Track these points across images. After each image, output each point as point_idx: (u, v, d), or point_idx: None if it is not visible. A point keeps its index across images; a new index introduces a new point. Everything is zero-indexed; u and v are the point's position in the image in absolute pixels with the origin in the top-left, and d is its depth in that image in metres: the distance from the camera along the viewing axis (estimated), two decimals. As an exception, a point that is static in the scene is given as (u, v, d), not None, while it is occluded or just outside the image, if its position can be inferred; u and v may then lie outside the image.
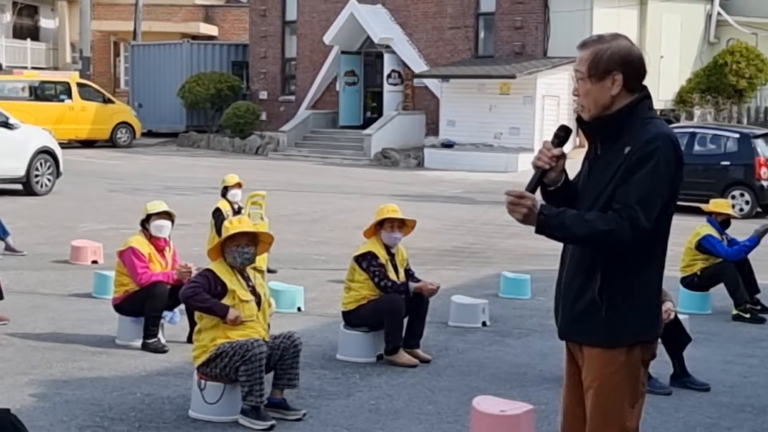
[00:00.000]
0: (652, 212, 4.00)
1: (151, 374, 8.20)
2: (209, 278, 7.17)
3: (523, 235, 18.33)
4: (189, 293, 7.17)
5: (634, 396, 4.17)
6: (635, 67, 4.12)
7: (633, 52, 4.14)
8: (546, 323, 10.63)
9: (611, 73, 4.09)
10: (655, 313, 4.19)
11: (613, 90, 4.10)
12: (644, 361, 4.20)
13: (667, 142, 4.06)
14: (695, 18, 32.71)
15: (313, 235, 17.22)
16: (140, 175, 26.31)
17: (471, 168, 29.39)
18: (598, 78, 4.10)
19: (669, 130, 4.13)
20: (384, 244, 8.88)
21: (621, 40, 4.17)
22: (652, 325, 4.17)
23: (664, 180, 4.04)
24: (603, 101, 4.13)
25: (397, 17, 34.33)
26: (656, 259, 4.15)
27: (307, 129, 35.51)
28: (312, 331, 9.88)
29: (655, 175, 4.02)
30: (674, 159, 4.06)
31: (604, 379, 4.15)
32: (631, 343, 4.11)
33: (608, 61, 4.09)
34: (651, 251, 4.11)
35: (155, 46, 40.45)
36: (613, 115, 4.14)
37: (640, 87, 4.17)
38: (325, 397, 7.68)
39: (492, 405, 6.50)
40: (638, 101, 4.14)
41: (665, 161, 4.04)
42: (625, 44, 4.15)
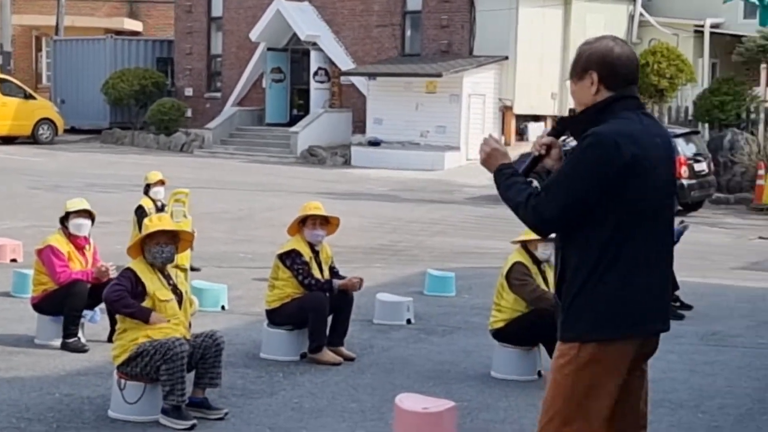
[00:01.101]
0: (551, 203, 4.11)
1: (70, 374, 8.08)
2: (131, 279, 7.06)
3: (449, 233, 18.44)
4: (114, 297, 7.05)
5: (579, 394, 4.16)
6: (611, 66, 4.19)
7: (613, 51, 4.21)
8: (470, 320, 10.70)
9: (588, 72, 4.21)
10: (619, 314, 4.15)
11: (592, 89, 4.21)
12: (608, 361, 4.16)
13: (594, 141, 4.10)
14: (618, 18, 33.11)
15: (238, 233, 17.13)
16: (62, 172, 25.94)
17: (398, 166, 29.44)
18: (578, 77, 4.25)
19: (611, 129, 4.13)
20: (308, 242, 8.85)
21: (604, 41, 4.27)
22: (609, 326, 4.14)
23: (573, 176, 4.12)
24: (584, 100, 4.26)
25: (324, 14, 34.27)
26: (620, 262, 4.13)
27: (233, 126, 35.29)
28: (236, 329, 9.81)
29: (567, 169, 4.15)
30: (595, 158, 4.08)
31: (555, 370, 4.24)
32: (582, 339, 4.15)
33: (586, 61, 4.23)
34: (612, 253, 4.12)
35: (78, 41, 39.88)
36: (581, 112, 4.26)
37: (623, 86, 4.22)
38: (248, 396, 7.63)
39: (415, 402, 6.51)
40: (612, 100, 4.20)
41: (581, 158, 4.12)
42: (605, 44, 4.24)
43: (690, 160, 22.33)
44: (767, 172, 23.41)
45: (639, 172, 4.12)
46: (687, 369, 8.77)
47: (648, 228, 4.19)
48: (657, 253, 4.25)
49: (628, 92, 4.23)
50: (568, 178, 4.13)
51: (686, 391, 8.05)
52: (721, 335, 10.39)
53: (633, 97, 4.25)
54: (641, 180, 4.13)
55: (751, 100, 27.13)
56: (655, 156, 4.20)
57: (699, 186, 22.57)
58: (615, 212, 4.12)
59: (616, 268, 4.14)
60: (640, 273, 4.17)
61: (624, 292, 4.15)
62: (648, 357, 4.36)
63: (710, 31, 31.52)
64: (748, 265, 16.08)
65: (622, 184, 4.09)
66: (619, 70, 4.21)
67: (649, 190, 4.16)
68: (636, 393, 4.34)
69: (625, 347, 4.19)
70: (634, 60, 4.27)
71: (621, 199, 4.11)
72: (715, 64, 32.69)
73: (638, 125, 4.19)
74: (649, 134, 4.22)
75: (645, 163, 4.14)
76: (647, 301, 4.20)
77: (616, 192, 4.10)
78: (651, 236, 4.21)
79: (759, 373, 8.86)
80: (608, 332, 4.15)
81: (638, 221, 4.16)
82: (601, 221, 4.13)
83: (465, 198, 24.55)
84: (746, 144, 25.10)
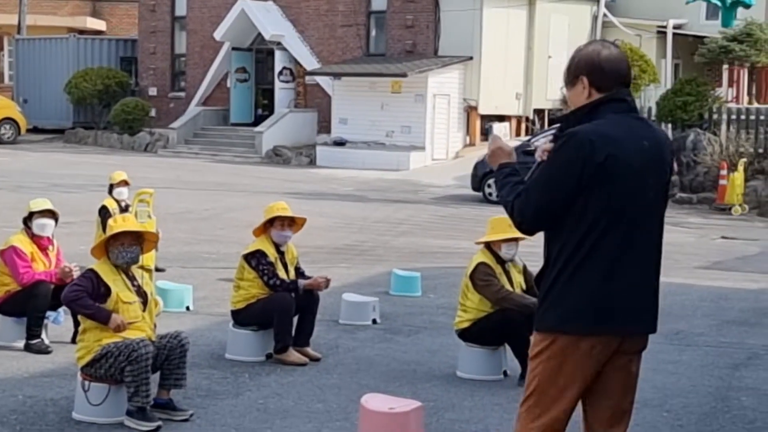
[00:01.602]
0: (530, 203, 4.25)
1: (33, 376, 8.01)
2: (92, 280, 7.00)
3: (414, 233, 18.46)
4: (72, 297, 6.99)
5: (545, 383, 4.31)
6: (599, 69, 4.32)
7: (600, 54, 4.34)
8: (436, 320, 10.71)
9: (579, 77, 4.36)
10: (588, 311, 4.23)
11: (584, 93, 4.35)
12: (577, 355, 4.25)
13: (569, 140, 4.21)
14: (582, 19, 33.31)
15: (202, 233, 17.06)
16: (25, 172, 25.73)
17: (363, 166, 29.45)
18: (571, 84, 4.41)
19: (588, 129, 4.23)
20: (274, 243, 8.83)
21: (592, 45, 4.44)
22: (577, 321, 4.24)
23: (548, 175, 4.24)
24: (578, 104, 4.39)
25: (289, 14, 34.20)
26: (594, 261, 4.22)
27: (198, 126, 35.15)
28: (201, 330, 9.78)
29: (544, 169, 4.28)
30: (568, 157, 4.19)
31: (530, 358, 4.43)
32: (551, 330, 4.30)
33: (576, 67, 4.38)
34: (586, 250, 4.21)
35: (41, 41, 39.57)
36: (570, 114, 4.41)
37: (613, 88, 4.33)
38: (213, 397, 7.60)
39: (381, 402, 6.50)
40: (599, 102, 4.32)
41: (556, 158, 4.25)
42: (593, 48, 4.39)
43: (653, 160, 22.48)
44: (729, 172, 23.60)
45: (614, 173, 4.18)
46: (651, 368, 8.79)
47: (627, 229, 4.25)
48: (636, 256, 4.28)
49: (617, 95, 4.33)
50: (545, 178, 4.26)
51: (650, 390, 8.10)
52: (685, 334, 10.47)
53: (622, 100, 4.34)
54: (617, 181, 4.19)
55: (714, 100, 27.33)
56: (638, 158, 4.24)
57: (662, 186, 22.73)
58: (591, 210, 4.21)
59: (589, 265, 4.22)
60: (615, 273, 4.24)
61: (595, 291, 4.23)
62: (634, 354, 4.41)
63: (673, 31, 31.76)
64: (711, 264, 16.22)
65: (596, 183, 4.17)
66: (607, 71, 4.32)
67: (627, 191, 4.21)
68: (614, 389, 4.41)
69: (596, 343, 4.26)
70: (622, 61, 4.37)
71: (596, 198, 4.19)
72: (678, 65, 32.95)
73: (622, 127, 4.26)
74: (635, 136, 4.27)
75: (622, 164, 4.19)
76: (620, 302, 4.26)
77: (590, 190, 4.18)
78: (630, 237, 4.25)
79: (722, 372, 8.93)
80: (575, 328, 4.25)
81: (615, 221, 4.22)
82: (578, 218, 4.22)
83: (430, 198, 24.59)
84: (709, 144, 25.28)
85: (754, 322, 11.38)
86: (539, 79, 32.33)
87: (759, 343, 10.16)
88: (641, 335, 4.41)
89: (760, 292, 13.44)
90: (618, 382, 4.41)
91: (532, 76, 32.34)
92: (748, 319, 11.54)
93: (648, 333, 4.42)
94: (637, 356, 4.45)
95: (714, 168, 24.59)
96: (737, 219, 22.51)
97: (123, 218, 7.36)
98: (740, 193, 23.34)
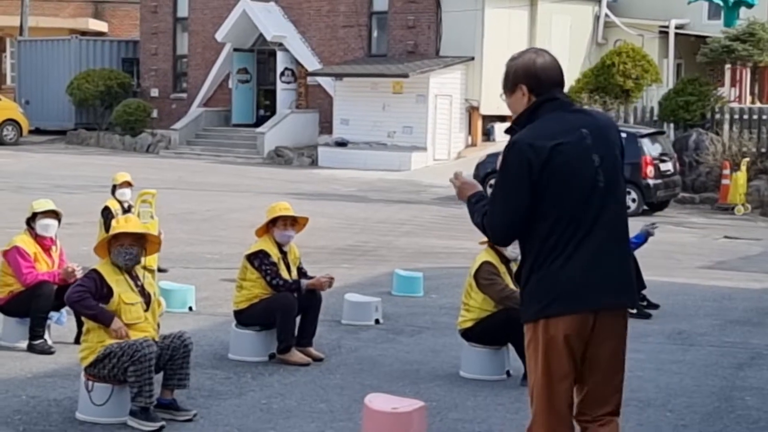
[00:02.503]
0: (495, 215, 4.59)
1: (37, 376, 8.01)
2: (96, 280, 7.00)
3: (417, 233, 18.47)
4: (75, 297, 6.99)
5: (547, 369, 4.57)
6: (536, 77, 4.65)
7: (535, 63, 4.68)
8: (438, 320, 10.71)
9: (518, 85, 4.68)
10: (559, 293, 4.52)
11: (524, 99, 4.67)
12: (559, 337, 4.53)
13: (510, 147, 4.57)
14: (584, 19, 33.30)
15: (205, 234, 17.06)
16: (27, 174, 25.74)
17: (364, 166, 29.45)
18: (511, 92, 4.72)
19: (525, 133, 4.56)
20: (276, 243, 8.82)
21: (526, 54, 4.75)
22: (552, 304, 4.53)
23: (503, 185, 4.57)
24: (519, 109, 4.71)
25: (290, 15, 34.21)
26: (558, 248, 4.52)
27: (200, 127, 35.17)
28: (203, 330, 9.78)
29: (498, 180, 4.62)
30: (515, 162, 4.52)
31: (526, 354, 4.73)
32: (532, 319, 4.60)
33: (514, 76, 4.70)
34: (552, 242, 4.52)
35: (43, 42, 39.60)
36: (514, 120, 4.73)
37: (548, 91, 4.66)
38: (216, 397, 7.60)
39: (384, 402, 6.50)
40: (536, 105, 4.65)
41: (504, 166, 4.59)
42: (528, 57, 4.71)
43: (656, 160, 22.48)
44: (732, 171, 23.59)
45: (557, 165, 4.49)
46: (654, 368, 8.82)
47: (583, 212, 4.54)
48: (595, 239, 4.55)
49: (549, 95, 4.65)
50: (501, 191, 4.58)
51: (653, 390, 8.10)
52: (688, 334, 10.46)
53: (554, 98, 4.66)
54: (563, 171, 4.50)
55: (716, 100, 27.31)
56: (579, 146, 4.55)
57: (665, 186, 22.73)
58: (547, 205, 4.51)
59: (553, 255, 4.53)
60: (573, 258, 4.53)
61: (562, 275, 4.53)
62: (610, 334, 4.62)
63: (675, 31, 31.75)
64: (713, 264, 16.20)
65: (545, 180, 4.49)
66: (543, 78, 4.66)
67: (575, 178, 4.52)
68: (600, 368, 4.65)
69: (569, 323, 4.53)
70: (555, 66, 4.73)
71: (549, 193, 4.50)
72: (680, 65, 32.93)
73: (558, 122, 4.58)
74: (573, 127, 4.58)
75: (563, 155, 4.50)
76: (588, 279, 4.53)
77: (544, 188, 4.49)
78: (587, 219, 4.54)
79: (725, 371, 8.93)
80: (550, 310, 4.54)
81: (570, 208, 4.53)
82: (539, 215, 4.53)
83: (432, 198, 24.59)
84: (711, 144, 25.27)
85: (757, 321, 11.37)
86: (541, 80, 32.25)
87: (762, 343, 10.15)
88: (611, 311, 4.63)
89: (763, 292, 13.42)
90: (602, 362, 4.64)
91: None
92: (751, 318, 11.53)
93: (616, 308, 4.66)
94: (616, 335, 4.67)
95: (716, 168, 24.57)
96: (740, 219, 22.49)
97: (126, 219, 7.36)
98: (743, 193, 23.33)
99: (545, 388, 4.60)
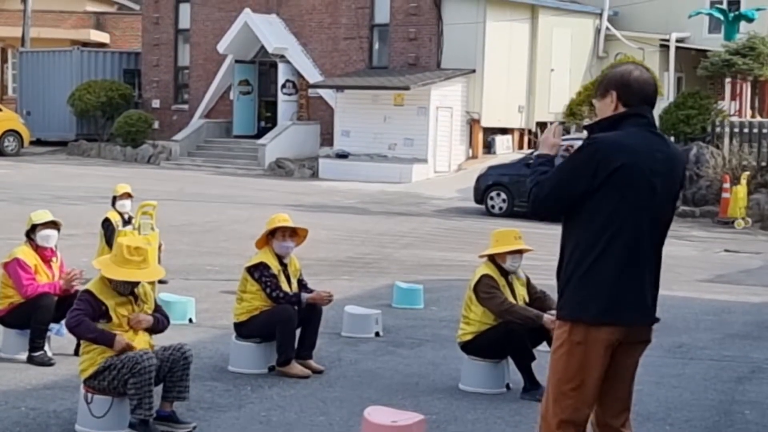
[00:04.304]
0: (543, 190, 4.83)
1: (36, 388, 8.01)
2: (90, 302, 6.96)
3: (417, 246, 18.47)
4: (74, 323, 6.94)
5: (571, 371, 4.78)
6: (628, 86, 4.84)
7: (631, 74, 4.87)
8: (439, 333, 10.71)
9: (609, 91, 4.88)
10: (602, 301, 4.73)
11: (611, 105, 4.87)
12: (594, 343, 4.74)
13: (587, 145, 4.79)
14: (585, 32, 33.36)
15: (205, 246, 17.07)
16: (28, 185, 25.76)
17: (365, 179, 29.47)
18: (601, 96, 4.92)
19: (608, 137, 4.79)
20: (276, 255, 8.83)
21: (625, 65, 4.97)
22: (592, 308, 4.74)
23: (564, 170, 4.80)
24: (605, 114, 4.91)
25: (292, 27, 34.27)
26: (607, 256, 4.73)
27: (201, 138, 35.21)
28: (203, 342, 9.77)
29: (562, 165, 4.84)
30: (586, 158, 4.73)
31: (552, 353, 4.94)
32: (570, 319, 4.80)
33: (607, 82, 4.92)
34: (600, 247, 4.73)
35: (44, 53, 39.67)
36: (596, 122, 4.94)
37: (637, 104, 4.84)
38: (216, 410, 7.60)
39: (383, 415, 6.50)
40: (622, 116, 4.83)
41: (575, 157, 4.81)
42: (626, 68, 4.93)
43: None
44: (732, 185, 23.60)
45: (627, 179, 4.70)
46: (654, 381, 8.81)
47: (636, 230, 4.75)
48: (643, 254, 4.78)
49: (638, 111, 4.84)
50: (561, 172, 4.81)
51: (653, 404, 8.10)
52: (688, 348, 10.46)
53: (642, 115, 4.85)
54: (629, 186, 4.70)
55: (717, 113, 27.34)
56: (649, 167, 4.75)
57: (665, 199, 22.73)
58: (604, 212, 4.73)
59: (603, 261, 4.73)
60: (624, 271, 4.75)
61: (608, 285, 4.74)
62: (639, 346, 4.94)
63: (676, 45, 31.81)
64: (713, 277, 16.21)
65: (609, 187, 4.69)
66: (635, 90, 4.84)
67: (638, 196, 4.71)
68: (622, 378, 4.94)
69: (608, 332, 4.76)
70: (650, 83, 4.90)
71: (608, 201, 4.71)
72: (680, 78, 32.97)
73: (638, 138, 4.78)
74: (649, 148, 4.78)
75: (634, 172, 4.71)
76: (628, 296, 4.78)
77: (604, 194, 4.70)
78: (638, 237, 4.75)
79: (725, 385, 8.92)
80: (590, 316, 4.75)
81: (625, 223, 4.72)
82: (591, 218, 4.75)
83: (433, 210, 24.60)
84: (712, 157, 25.29)
85: (757, 335, 11.37)
86: (542, 92, 32.37)
87: (762, 357, 10.15)
88: (643, 327, 4.91)
89: (763, 306, 13.43)
90: (627, 370, 4.94)
91: (534, 89, 32.38)
92: (751, 332, 11.53)
93: (649, 324, 4.93)
94: (642, 346, 4.98)
95: (717, 181, 24.59)
96: (740, 232, 22.50)
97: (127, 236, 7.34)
98: (743, 207, 23.33)
99: (572, 388, 4.79)
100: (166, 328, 7.28)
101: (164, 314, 7.34)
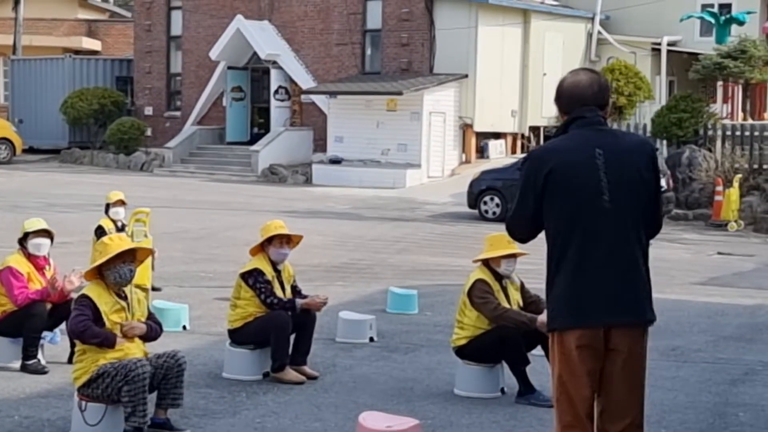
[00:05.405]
0: (511, 213, 4.96)
1: (30, 396, 7.99)
2: (90, 307, 6.95)
3: (411, 251, 18.47)
4: (81, 328, 6.89)
5: (558, 380, 4.83)
6: (559, 96, 4.93)
7: (563, 82, 4.94)
8: (433, 338, 10.70)
9: (557, 106, 4.99)
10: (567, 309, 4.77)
11: (562, 118, 4.94)
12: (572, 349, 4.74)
13: (526, 159, 4.94)
14: (576, 37, 33.43)
15: (199, 252, 17.05)
16: (21, 193, 25.72)
17: (359, 184, 29.47)
18: (558, 109, 4.99)
19: (542, 146, 4.98)
20: (271, 261, 8.82)
21: (567, 74, 5.00)
22: (560, 319, 4.79)
23: (519, 189, 4.89)
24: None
25: (284, 33, 34.28)
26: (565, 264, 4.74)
27: (194, 145, 35.18)
28: (197, 349, 9.76)
29: (518, 186, 4.96)
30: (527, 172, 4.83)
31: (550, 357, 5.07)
32: (549, 331, 4.90)
33: (555, 97, 4.99)
34: (557, 257, 4.78)
35: (36, 61, 39.62)
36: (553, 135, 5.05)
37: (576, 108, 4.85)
38: (210, 416, 7.59)
39: (378, 421, 6.49)
40: (566, 123, 4.88)
41: (521, 175, 4.90)
42: (563, 78, 4.98)
43: (649, 177, 22.50)
44: (724, 188, 23.65)
45: (561, 179, 4.71)
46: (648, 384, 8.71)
47: (589, 230, 4.71)
48: (608, 252, 4.71)
49: (577, 113, 4.85)
50: (517, 194, 4.90)
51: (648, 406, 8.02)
52: (682, 350, 10.47)
53: (581, 117, 4.84)
54: (566, 186, 4.71)
55: (709, 117, 27.42)
56: (588, 164, 4.71)
57: (658, 202, 22.76)
58: (553, 220, 4.77)
59: (562, 270, 4.76)
60: (578, 275, 4.73)
61: (565, 292, 4.76)
62: (626, 349, 4.78)
63: (667, 48, 31.88)
64: (707, 280, 16.23)
65: (549, 194, 4.74)
66: (566, 96, 4.89)
67: (581, 194, 4.70)
68: (613, 383, 4.82)
69: (576, 336, 4.74)
70: (579, 85, 4.86)
71: (553, 208, 4.75)
72: (672, 82, 33.05)
73: (576, 139, 4.80)
74: (587, 146, 4.75)
75: (568, 171, 4.71)
76: (588, 299, 4.70)
77: (548, 202, 4.75)
78: (595, 237, 4.71)
79: (719, 388, 8.93)
80: (557, 324, 4.82)
81: (575, 224, 4.72)
82: (547, 229, 4.82)
83: (426, 215, 24.60)
84: (704, 160, 25.35)
85: (750, 337, 11.38)
86: (534, 97, 32.42)
87: (756, 359, 10.16)
88: (623, 328, 4.76)
89: (756, 308, 13.45)
90: (615, 377, 4.81)
91: (527, 93, 32.43)
92: (744, 334, 11.54)
93: (628, 325, 4.78)
94: (629, 351, 4.79)
95: (709, 184, 24.64)
96: (733, 235, 22.55)
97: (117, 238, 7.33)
98: (736, 209, 23.38)
99: (562, 394, 4.85)
100: (159, 336, 7.27)
101: (157, 322, 7.33)
